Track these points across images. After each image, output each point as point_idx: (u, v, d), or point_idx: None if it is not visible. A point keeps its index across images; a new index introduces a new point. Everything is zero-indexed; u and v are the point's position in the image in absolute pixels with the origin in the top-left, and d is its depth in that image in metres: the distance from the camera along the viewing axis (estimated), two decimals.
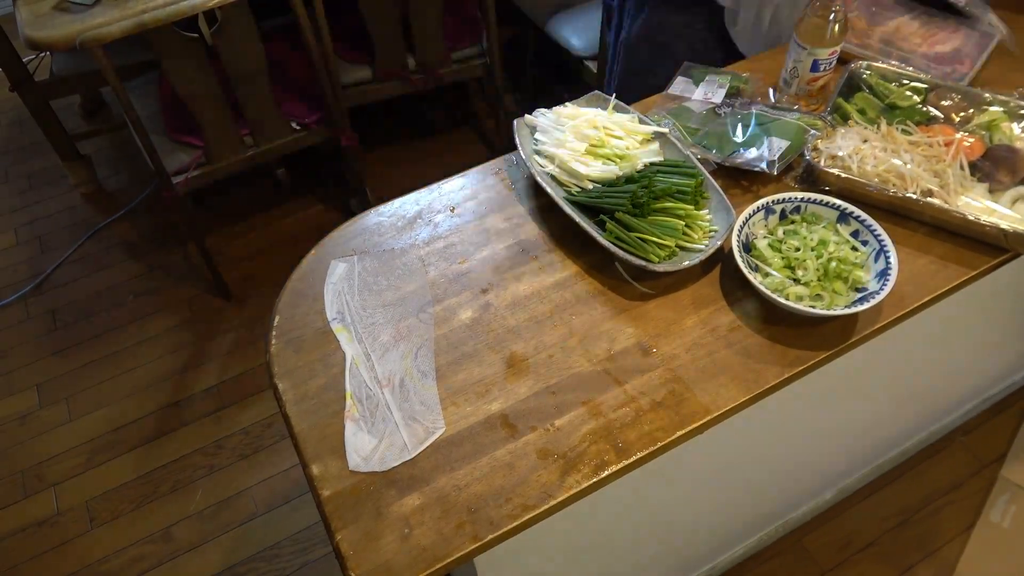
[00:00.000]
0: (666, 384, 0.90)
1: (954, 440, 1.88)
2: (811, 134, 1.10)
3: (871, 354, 1.04)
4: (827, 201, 1.01)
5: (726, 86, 1.21)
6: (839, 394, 1.29)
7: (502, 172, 1.15)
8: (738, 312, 0.97)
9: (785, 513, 1.69)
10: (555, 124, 1.12)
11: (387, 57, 2.09)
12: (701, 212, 1.03)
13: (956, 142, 1.07)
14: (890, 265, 0.94)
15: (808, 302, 0.93)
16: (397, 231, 1.08)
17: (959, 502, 1.78)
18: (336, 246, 1.07)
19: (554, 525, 0.84)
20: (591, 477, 0.82)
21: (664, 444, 0.85)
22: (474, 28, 2.20)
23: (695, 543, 1.50)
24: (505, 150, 1.17)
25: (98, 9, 1.65)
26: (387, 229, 1.09)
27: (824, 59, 1.15)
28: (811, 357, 0.92)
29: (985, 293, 1.19)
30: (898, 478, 1.81)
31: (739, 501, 1.44)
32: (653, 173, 1.05)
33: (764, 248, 0.98)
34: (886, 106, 1.17)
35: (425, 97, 2.77)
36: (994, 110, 1.13)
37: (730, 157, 1.10)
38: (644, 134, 1.11)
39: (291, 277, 1.03)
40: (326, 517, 0.81)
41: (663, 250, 0.98)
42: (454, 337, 0.95)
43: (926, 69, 1.23)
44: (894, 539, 1.72)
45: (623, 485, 0.86)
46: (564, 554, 1.12)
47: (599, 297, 0.99)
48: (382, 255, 1.05)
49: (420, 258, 1.04)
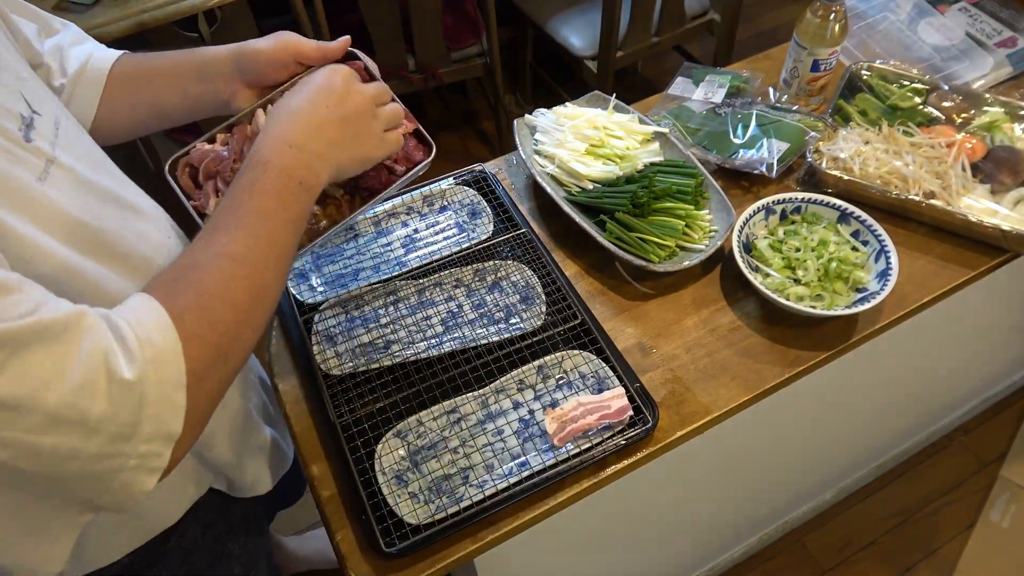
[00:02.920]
0: (666, 384, 0.90)
1: (954, 440, 1.88)
2: (811, 136, 1.10)
3: (871, 354, 1.04)
4: (828, 201, 1.01)
5: (726, 86, 1.21)
6: (839, 394, 1.29)
7: (502, 172, 1.14)
8: (738, 312, 0.97)
9: (785, 513, 1.69)
10: (555, 124, 1.12)
11: (387, 57, 2.09)
12: (701, 212, 1.03)
13: (958, 143, 1.07)
14: (890, 265, 0.94)
15: (808, 302, 0.93)
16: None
17: (959, 502, 1.78)
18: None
19: (554, 525, 0.84)
20: (591, 477, 0.82)
21: (664, 444, 0.84)
22: (474, 28, 2.20)
23: (695, 543, 1.50)
24: (505, 150, 1.17)
25: (98, 9, 1.65)
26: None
27: (824, 59, 1.14)
28: (811, 357, 0.92)
29: (985, 293, 1.19)
30: (898, 478, 1.81)
31: (739, 501, 1.44)
32: (653, 173, 1.05)
33: (764, 248, 0.98)
34: (887, 107, 1.17)
35: (425, 97, 2.77)
36: (995, 111, 1.13)
37: (730, 159, 1.10)
38: (644, 134, 1.11)
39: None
40: (326, 517, 0.81)
41: (663, 250, 0.98)
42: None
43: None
44: (894, 539, 1.72)
45: (623, 485, 0.86)
46: (564, 554, 1.12)
47: (599, 297, 0.99)
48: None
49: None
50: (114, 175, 0.73)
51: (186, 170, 0.80)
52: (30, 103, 0.64)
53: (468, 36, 2.20)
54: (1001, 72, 1.25)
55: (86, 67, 0.80)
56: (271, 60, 0.77)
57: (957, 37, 1.29)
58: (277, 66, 0.77)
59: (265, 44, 0.77)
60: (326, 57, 0.78)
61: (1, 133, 0.59)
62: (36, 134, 0.63)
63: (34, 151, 0.62)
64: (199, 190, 0.78)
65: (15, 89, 0.64)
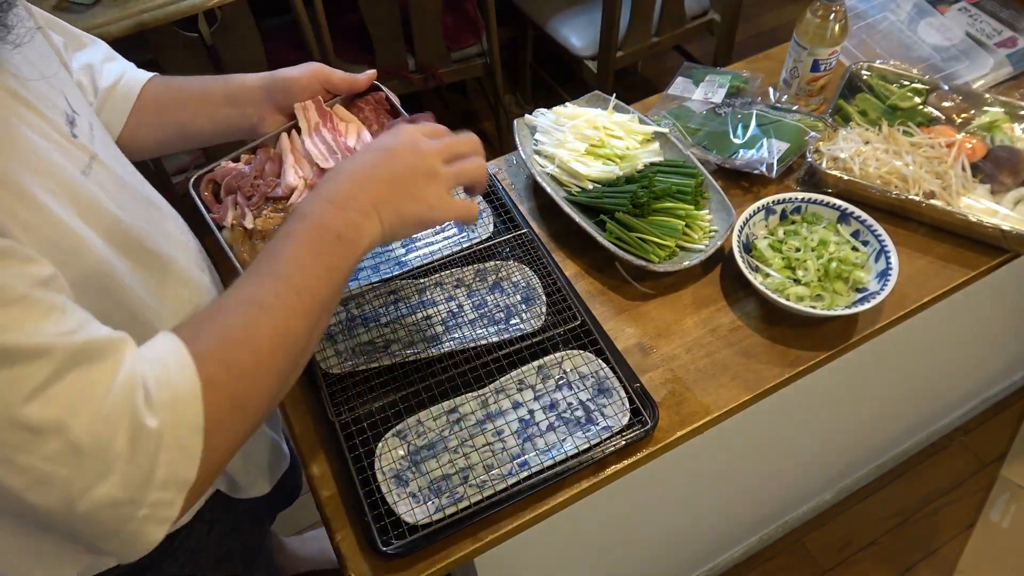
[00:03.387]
0: (666, 384, 0.90)
1: (954, 440, 1.88)
2: (811, 136, 1.10)
3: (872, 354, 1.04)
4: (828, 201, 1.01)
5: (726, 86, 1.21)
6: (839, 394, 1.29)
7: (502, 172, 1.14)
8: (738, 312, 0.97)
9: (785, 513, 1.69)
10: (555, 124, 1.12)
11: (387, 57, 2.09)
12: (701, 212, 1.03)
13: (958, 143, 1.07)
14: (891, 265, 0.94)
15: (808, 302, 0.93)
16: None
17: (959, 502, 1.77)
18: None
19: (554, 525, 0.84)
20: (591, 477, 0.82)
21: (664, 444, 0.84)
22: (474, 28, 2.20)
23: (695, 543, 1.50)
24: (505, 150, 1.17)
25: (98, 9, 1.65)
26: None
27: (824, 59, 1.14)
28: (811, 357, 0.92)
29: (985, 293, 1.19)
30: (898, 478, 1.81)
31: (739, 501, 1.44)
32: (653, 173, 1.05)
33: (764, 248, 0.98)
34: (887, 107, 1.17)
35: (425, 97, 2.77)
36: (995, 111, 1.13)
37: (730, 159, 1.10)
38: (644, 134, 1.11)
39: None
40: (326, 517, 0.81)
41: (663, 250, 0.98)
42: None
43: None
44: (894, 539, 1.72)
45: (623, 485, 0.86)
46: (564, 554, 1.12)
47: (599, 297, 0.99)
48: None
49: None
50: (137, 175, 0.76)
51: (209, 185, 0.84)
52: (70, 103, 0.66)
53: (468, 36, 2.20)
54: (1001, 72, 1.25)
55: (118, 84, 0.83)
56: (302, 88, 0.82)
57: (957, 37, 1.29)
58: (307, 94, 0.84)
59: (298, 73, 0.83)
60: (352, 88, 0.85)
61: (51, 125, 0.60)
62: (79, 131, 0.64)
63: (79, 147, 0.63)
64: (219, 204, 0.82)
65: (58, 88, 0.65)
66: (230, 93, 0.84)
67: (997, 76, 1.24)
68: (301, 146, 0.83)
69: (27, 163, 0.56)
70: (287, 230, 0.64)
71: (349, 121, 0.86)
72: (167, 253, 0.73)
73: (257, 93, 0.84)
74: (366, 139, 0.84)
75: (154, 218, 0.74)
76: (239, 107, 0.84)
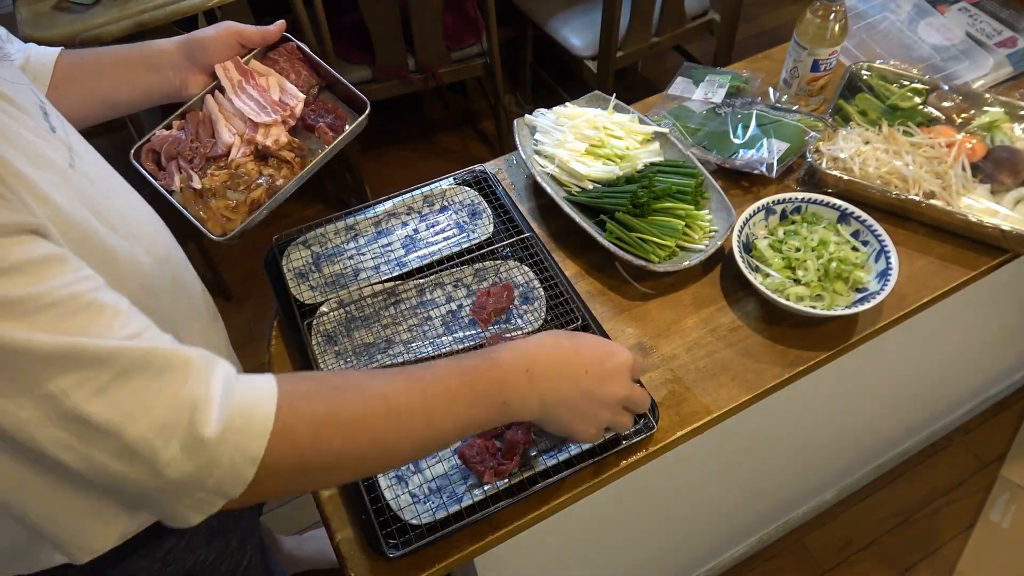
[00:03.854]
0: (666, 384, 0.90)
1: (954, 440, 1.88)
2: (811, 136, 1.10)
3: (872, 354, 1.04)
4: (828, 201, 1.01)
5: (726, 86, 1.21)
6: (839, 394, 1.29)
7: (502, 172, 1.14)
8: (738, 312, 0.97)
9: (785, 513, 1.69)
10: (555, 124, 1.12)
11: (387, 57, 2.09)
12: (701, 212, 1.03)
13: (958, 143, 1.07)
14: (891, 265, 0.94)
15: (808, 302, 0.93)
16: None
17: (959, 502, 1.78)
18: None
19: (554, 525, 0.84)
20: (591, 477, 0.82)
21: (664, 444, 0.84)
22: (474, 28, 2.20)
23: (695, 543, 1.50)
24: (505, 150, 1.17)
25: (98, 9, 1.65)
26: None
27: (824, 59, 1.14)
28: (811, 357, 0.92)
29: (985, 293, 1.19)
30: (898, 478, 1.81)
31: (739, 501, 1.44)
32: (653, 173, 1.05)
33: (764, 248, 0.98)
34: (887, 107, 1.17)
35: (425, 97, 2.77)
36: (995, 111, 1.13)
37: (730, 159, 1.10)
38: (644, 134, 1.11)
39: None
40: (326, 517, 0.81)
41: (663, 250, 0.98)
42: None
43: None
44: (894, 539, 1.72)
45: (623, 485, 0.86)
46: (564, 554, 1.12)
47: (599, 297, 0.99)
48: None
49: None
50: (102, 159, 0.76)
51: (150, 155, 0.87)
52: (36, 95, 0.66)
53: (468, 36, 2.20)
54: (1001, 72, 1.25)
55: (28, 63, 0.81)
56: (219, 45, 0.85)
57: (957, 37, 1.29)
58: (224, 50, 0.86)
59: (213, 31, 0.85)
60: (265, 40, 0.89)
61: (34, 120, 0.61)
62: (55, 124, 0.65)
63: (59, 139, 0.64)
64: (162, 171, 0.86)
65: (24, 82, 0.65)
66: (149, 59, 0.85)
67: (997, 76, 1.25)
68: (230, 105, 0.86)
69: (30, 161, 0.56)
70: (475, 363, 0.64)
71: (267, 74, 0.90)
72: (147, 232, 0.74)
73: (176, 56, 0.85)
74: (288, 88, 0.88)
75: (132, 199, 0.75)
76: (160, 72, 0.85)
